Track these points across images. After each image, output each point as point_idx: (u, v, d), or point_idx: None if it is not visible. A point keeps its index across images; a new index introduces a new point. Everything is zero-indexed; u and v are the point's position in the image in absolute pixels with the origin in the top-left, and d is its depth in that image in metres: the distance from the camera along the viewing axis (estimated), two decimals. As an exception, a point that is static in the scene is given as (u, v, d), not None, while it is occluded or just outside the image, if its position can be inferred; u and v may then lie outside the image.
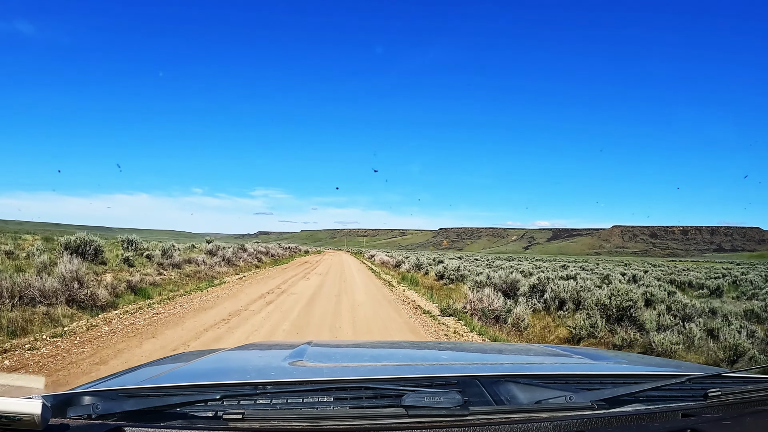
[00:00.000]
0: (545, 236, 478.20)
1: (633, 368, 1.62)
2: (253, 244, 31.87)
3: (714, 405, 1.12)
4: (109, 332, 6.42)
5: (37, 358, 5.12)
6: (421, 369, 1.47)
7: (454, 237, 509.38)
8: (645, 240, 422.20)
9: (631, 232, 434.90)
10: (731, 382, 1.26)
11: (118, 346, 5.76)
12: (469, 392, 1.09)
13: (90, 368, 4.82)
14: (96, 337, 6.15)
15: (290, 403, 1.03)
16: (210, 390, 1.08)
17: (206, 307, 9.10)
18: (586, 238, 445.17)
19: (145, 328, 6.81)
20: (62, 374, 4.63)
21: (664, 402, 1.15)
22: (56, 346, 5.60)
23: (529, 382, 1.15)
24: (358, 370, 1.43)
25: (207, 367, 1.55)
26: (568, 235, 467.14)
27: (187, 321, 7.52)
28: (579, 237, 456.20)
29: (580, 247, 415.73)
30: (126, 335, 6.33)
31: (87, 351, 5.48)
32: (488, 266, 25.52)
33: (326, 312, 9.26)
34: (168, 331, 6.68)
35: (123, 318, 7.45)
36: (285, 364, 1.41)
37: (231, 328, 7.10)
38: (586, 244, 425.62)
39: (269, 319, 8.13)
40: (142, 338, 6.20)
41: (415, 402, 0.99)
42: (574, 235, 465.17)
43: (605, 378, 1.28)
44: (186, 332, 6.67)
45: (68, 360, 5.10)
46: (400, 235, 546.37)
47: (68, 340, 5.88)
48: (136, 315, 7.76)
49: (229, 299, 10.43)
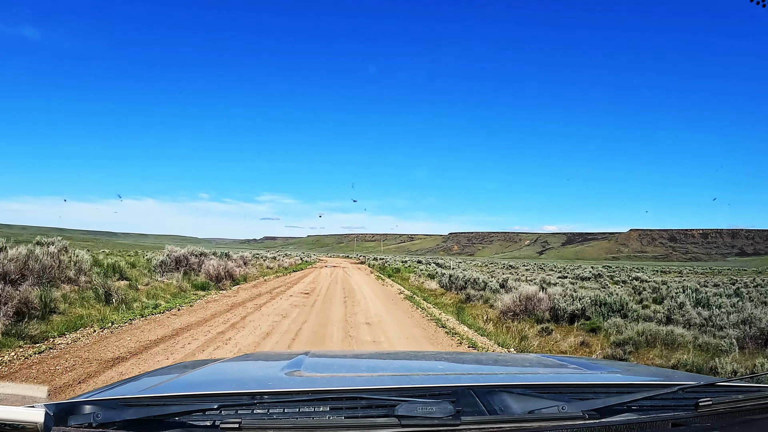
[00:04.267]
0: (559, 240, 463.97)
1: (626, 378, 1.63)
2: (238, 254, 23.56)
3: (704, 414, 1.12)
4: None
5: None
6: (417, 379, 1.49)
7: (465, 242, 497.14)
8: (664, 244, 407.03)
9: (650, 236, 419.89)
10: (723, 391, 1.26)
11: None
12: (463, 402, 1.09)
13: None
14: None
15: (287, 413, 1.05)
16: (208, 400, 1.10)
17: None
18: (603, 243, 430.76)
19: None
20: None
21: (655, 411, 1.16)
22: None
23: (522, 392, 1.15)
24: (354, 381, 1.46)
25: (205, 377, 1.56)
26: (583, 240, 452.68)
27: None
28: (595, 241, 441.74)
29: (596, 251, 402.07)
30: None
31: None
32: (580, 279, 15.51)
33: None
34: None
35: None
36: (282, 374, 1.43)
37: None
38: (602, 248, 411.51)
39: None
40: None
41: (407, 412, 1.00)
42: (589, 239, 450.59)
43: (598, 388, 1.29)
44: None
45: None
46: (409, 240, 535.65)
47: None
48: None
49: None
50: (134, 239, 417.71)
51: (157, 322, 8.28)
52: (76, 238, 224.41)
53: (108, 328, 7.42)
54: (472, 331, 8.91)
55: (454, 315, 11.01)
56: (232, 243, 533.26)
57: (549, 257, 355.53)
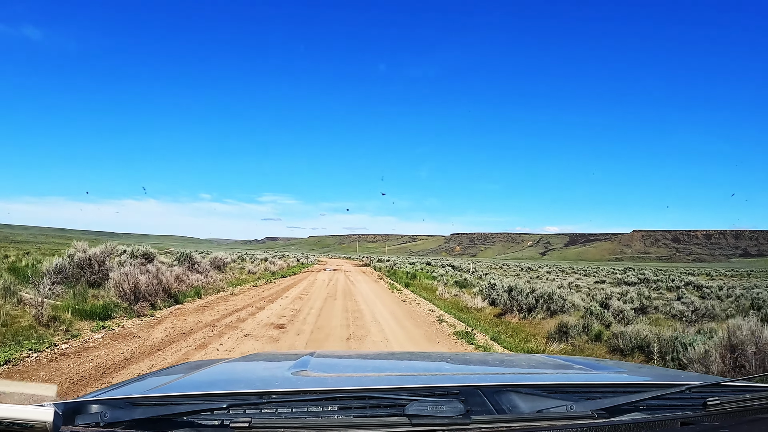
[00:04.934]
0: (562, 241, 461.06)
1: (633, 378, 1.63)
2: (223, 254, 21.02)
3: (713, 414, 1.12)
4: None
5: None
6: (424, 379, 1.49)
7: (467, 243, 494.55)
8: (668, 245, 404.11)
9: (653, 237, 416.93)
10: (730, 391, 1.26)
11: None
12: (471, 402, 1.09)
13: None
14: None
15: (295, 413, 1.04)
16: (216, 399, 1.09)
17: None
18: (606, 243, 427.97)
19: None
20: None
21: (663, 411, 1.16)
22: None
23: (530, 392, 1.15)
24: (361, 380, 1.45)
25: (212, 377, 1.54)
26: (586, 240, 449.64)
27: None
28: (597, 242, 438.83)
29: (600, 252, 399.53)
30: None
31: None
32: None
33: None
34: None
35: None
36: (289, 374, 1.41)
37: None
38: (606, 249, 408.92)
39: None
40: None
41: (418, 411, 1.00)
42: (592, 240, 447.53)
43: (605, 387, 1.29)
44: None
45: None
46: (411, 241, 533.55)
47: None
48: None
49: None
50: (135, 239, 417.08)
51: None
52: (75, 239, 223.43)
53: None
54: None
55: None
56: (234, 243, 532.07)
57: (552, 258, 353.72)
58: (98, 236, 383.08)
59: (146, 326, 7.91)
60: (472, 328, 9.31)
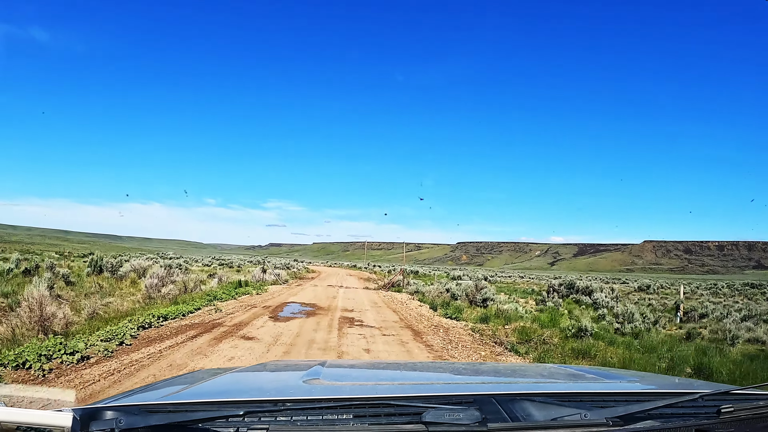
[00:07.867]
0: (570, 252, 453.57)
1: (645, 386, 1.64)
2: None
3: (727, 421, 1.12)
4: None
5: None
6: (438, 388, 1.50)
7: (474, 251, 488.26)
8: (679, 256, 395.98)
9: (664, 248, 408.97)
10: (743, 398, 1.27)
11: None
12: (486, 410, 1.08)
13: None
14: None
15: (310, 420, 1.04)
16: (232, 406, 1.08)
17: None
18: (616, 254, 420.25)
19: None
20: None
21: (677, 419, 1.16)
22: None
23: (544, 400, 1.15)
24: (375, 389, 1.45)
25: (225, 385, 1.54)
26: (595, 251, 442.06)
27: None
28: (607, 252, 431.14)
29: (610, 263, 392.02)
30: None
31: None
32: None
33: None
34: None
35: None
36: (301, 382, 1.41)
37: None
38: (616, 260, 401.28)
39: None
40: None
41: (435, 419, 1.00)
42: (601, 250, 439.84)
43: (619, 396, 1.28)
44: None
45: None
46: (416, 249, 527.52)
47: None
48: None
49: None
50: (138, 243, 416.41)
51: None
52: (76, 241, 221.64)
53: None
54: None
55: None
56: (237, 249, 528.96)
57: (561, 269, 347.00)
58: (101, 239, 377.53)
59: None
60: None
